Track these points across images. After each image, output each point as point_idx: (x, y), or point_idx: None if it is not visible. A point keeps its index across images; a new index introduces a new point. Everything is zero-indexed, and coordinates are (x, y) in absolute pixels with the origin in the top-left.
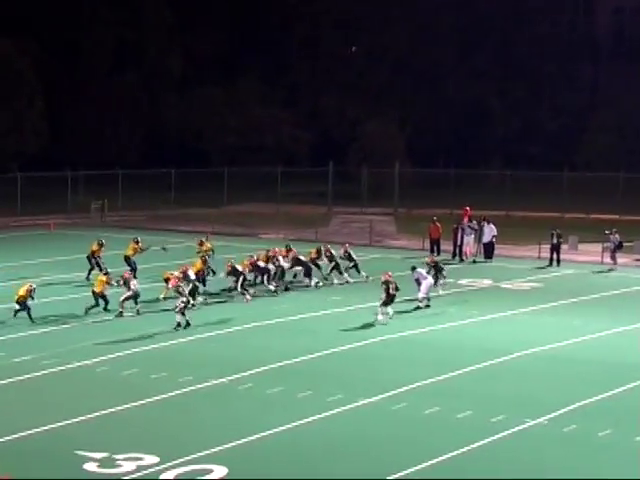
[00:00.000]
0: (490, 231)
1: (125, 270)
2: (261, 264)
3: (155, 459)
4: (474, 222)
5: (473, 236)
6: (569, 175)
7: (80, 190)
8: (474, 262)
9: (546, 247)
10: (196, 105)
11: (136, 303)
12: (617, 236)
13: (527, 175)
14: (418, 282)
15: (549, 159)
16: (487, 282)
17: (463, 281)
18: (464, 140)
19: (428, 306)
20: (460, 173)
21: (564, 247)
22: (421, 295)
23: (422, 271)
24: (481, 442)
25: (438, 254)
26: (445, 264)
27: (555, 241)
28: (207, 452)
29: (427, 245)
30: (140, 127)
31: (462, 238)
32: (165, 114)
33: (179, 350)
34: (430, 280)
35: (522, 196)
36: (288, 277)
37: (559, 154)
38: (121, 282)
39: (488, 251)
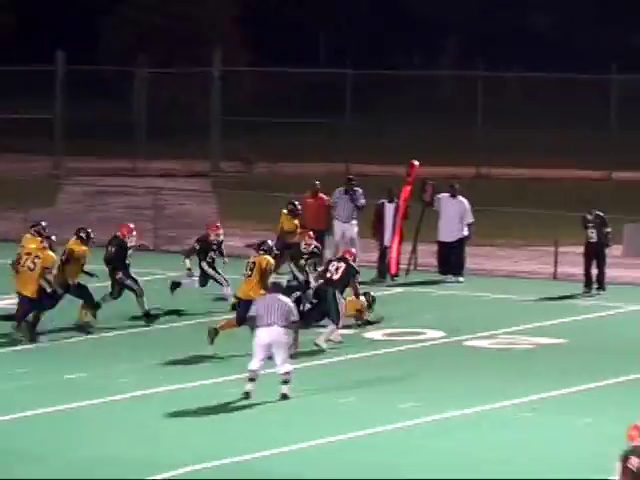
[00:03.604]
0: (458, 213)
1: None
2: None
3: None
4: (357, 189)
5: (354, 222)
6: (620, 80)
7: None
8: (380, 278)
9: (573, 250)
10: None
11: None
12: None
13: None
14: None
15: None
16: (435, 334)
17: (376, 333)
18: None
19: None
20: (377, 77)
21: (615, 249)
22: (255, 367)
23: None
24: None
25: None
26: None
27: (593, 235)
28: None
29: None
30: None
31: (394, 230)
32: None
33: None
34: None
35: (515, 131)
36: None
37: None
38: None
39: (450, 259)
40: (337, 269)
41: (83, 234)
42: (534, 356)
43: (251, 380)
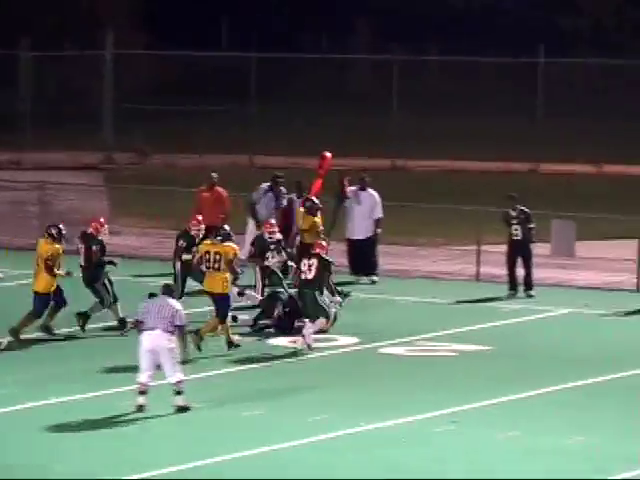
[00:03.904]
0: (370, 207)
1: None
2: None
3: None
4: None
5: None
6: (547, 64)
7: None
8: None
9: (497, 249)
10: None
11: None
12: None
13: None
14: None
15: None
16: (347, 341)
17: (282, 339)
18: None
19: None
20: (283, 61)
21: (541, 248)
22: (143, 379)
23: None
24: None
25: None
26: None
27: (517, 233)
28: None
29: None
30: None
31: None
32: None
33: None
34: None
35: (433, 120)
36: None
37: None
38: None
39: (362, 258)
40: (310, 267)
41: (54, 231)
42: (455, 364)
43: (142, 393)
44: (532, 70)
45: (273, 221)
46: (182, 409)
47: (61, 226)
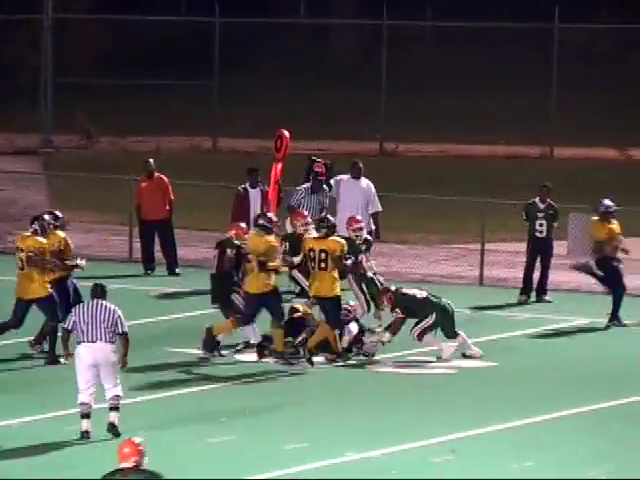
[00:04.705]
0: (365, 200)
1: None
2: None
3: None
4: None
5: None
6: (564, 32)
7: None
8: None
9: (504, 248)
10: None
11: None
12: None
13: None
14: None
15: None
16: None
17: (254, 355)
18: None
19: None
20: (252, 27)
21: (556, 246)
22: (85, 399)
23: None
24: None
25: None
26: None
27: (542, 229)
28: None
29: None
30: None
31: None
32: None
33: None
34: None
35: (429, 96)
36: None
37: None
38: None
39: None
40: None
41: (262, 220)
42: (454, 384)
43: (85, 416)
44: (546, 38)
45: (359, 217)
46: (114, 427)
47: (270, 214)
